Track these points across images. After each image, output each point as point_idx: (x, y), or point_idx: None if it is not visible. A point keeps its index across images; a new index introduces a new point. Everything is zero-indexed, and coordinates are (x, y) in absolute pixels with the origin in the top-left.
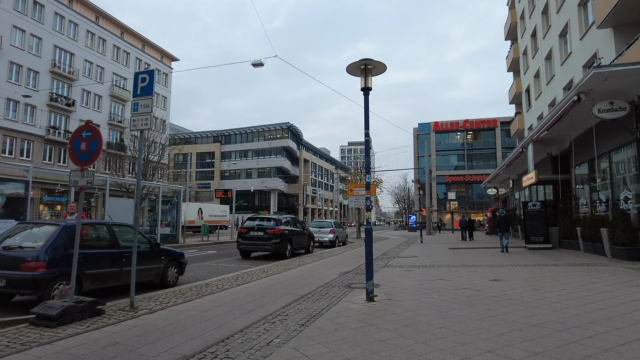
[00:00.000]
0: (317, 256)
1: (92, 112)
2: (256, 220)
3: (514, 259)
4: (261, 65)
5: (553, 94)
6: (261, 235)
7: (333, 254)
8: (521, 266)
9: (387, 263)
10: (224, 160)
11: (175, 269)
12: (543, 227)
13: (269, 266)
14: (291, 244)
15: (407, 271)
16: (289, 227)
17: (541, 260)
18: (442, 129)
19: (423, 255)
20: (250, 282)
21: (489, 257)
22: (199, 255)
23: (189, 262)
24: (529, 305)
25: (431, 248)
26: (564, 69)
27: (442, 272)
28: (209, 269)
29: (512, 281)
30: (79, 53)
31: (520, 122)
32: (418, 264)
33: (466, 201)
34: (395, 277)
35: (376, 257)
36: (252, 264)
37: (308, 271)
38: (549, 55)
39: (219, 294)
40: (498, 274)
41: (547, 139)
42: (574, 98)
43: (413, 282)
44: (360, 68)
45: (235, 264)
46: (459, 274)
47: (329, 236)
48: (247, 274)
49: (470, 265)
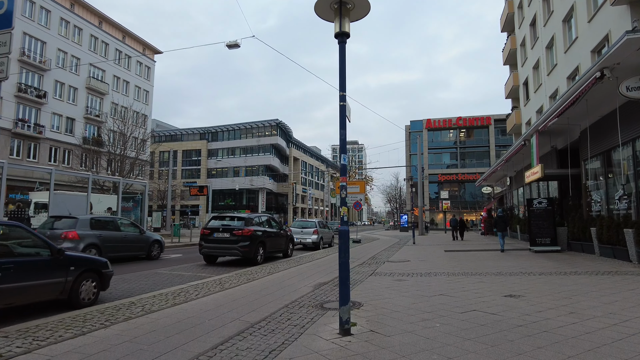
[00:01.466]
0: (295, 261)
1: (67, 104)
2: (222, 220)
3: (522, 264)
4: (237, 47)
5: (555, 84)
6: (227, 238)
7: (314, 258)
8: (535, 274)
9: (375, 270)
10: (211, 158)
11: (93, 283)
12: (550, 228)
13: (230, 275)
14: (264, 247)
15: (398, 281)
16: (261, 228)
17: (555, 267)
18: (434, 126)
19: (416, 259)
20: (193, 299)
21: (491, 262)
22: (159, 260)
23: (141, 269)
24: (576, 344)
25: (425, 250)
26: (568, 57)
27: (441, 282)
28: (158, 278)
29: (533, 298)
30: (52, 42)
31: (517, 117)
32: (411, 270)
33: (459, 200)
34: (383, 290)
35: (363, 262)
36: (214, 271)
37: (276, 282)
38: (551, 44)
39: (136, 320)
40: (511, 286)
41: (553, 130)
42: (596, 74)
43: (406, 299)
44: (334, 7)
45: (193, 271)
46: (463, 286)
47: (312, 237)
48: (196, 287)
49: (474, 274)
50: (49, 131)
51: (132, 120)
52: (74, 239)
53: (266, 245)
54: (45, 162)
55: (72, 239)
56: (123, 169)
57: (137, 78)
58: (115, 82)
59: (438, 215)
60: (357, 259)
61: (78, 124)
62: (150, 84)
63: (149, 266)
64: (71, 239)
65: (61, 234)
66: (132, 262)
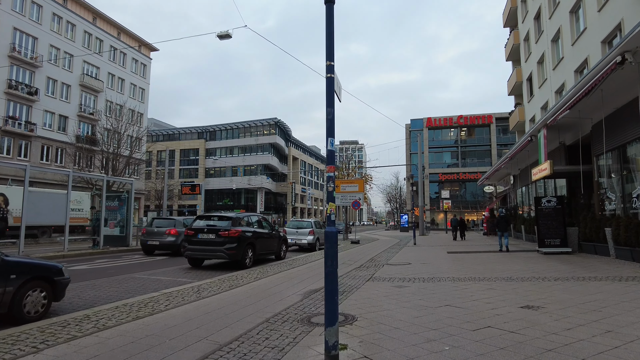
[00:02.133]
0: (288, 264)
1: (60, 102)
2: (207, 220)
3: (532, 267)
4: (228, 37)
5: (562, 78)
6: (212, 239)
7: (309, 260)
8: (549, 280)
9: (374, 274)
10: (209, 158)
11: (42, 293)
12: (560, 228)
13: (212, 281)
14: (253, 249)
15: (398, 288)
16: (251, 229)
17: (570, 271)
18: (435, 125)
19: (418, 261)
20: (161, 311)
21: (499, 266)
22: (142, 262)
23: (119, 273)
24: None
25: (426, 252)
26: (576, 49)
27: (447, 289)
28: (133, 284)
29: (556, 310)
30: (44, 38)
31: (520, 114)
32: (413, 275)
33: (459, 200)
34: (381, 299)
35: (360, 265)
36: (197, 276)
37: (262, 289)
38: (557, 37)
39: (80, 340)
40: (525, 294)
41: (563, 124)
42: (616, 59)
43: (407, 310)
44: None
45: (174, 276)
46: (471, 294)
47: (308, 238)
48: (169, 295)
49: (482, 279)
50: (41, 129)
51: (127, 118)
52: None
53: (256, 247)
54: (37, 161)
55: (174, 234)
56: (116, 168)
57: (133, 75)
58: (110, 80)
59: (439, 215)
60: (354, 261)
61: (72, 122)
62: (146, 82)
63: (126, 270)
64: (173, 234)
65: (165, 231)
66: (112, 262)
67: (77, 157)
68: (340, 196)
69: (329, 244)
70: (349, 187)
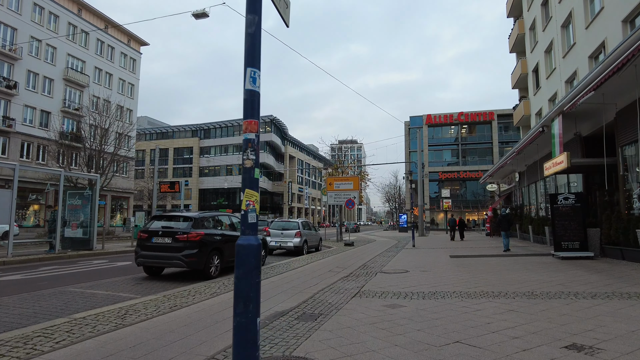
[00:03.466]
0: (263, 273)
1: (41, 96)
2: (165, 220)
3: (555, 277)
4: (205, 17)
5: (573, 66)
6: (168, 244)
7: (290, 267)
8: (586, 297)
9: (363, 287)
10: (203, 156)
11: None
12: (579, 229)
13: (156, 298)
14: (221, 255)
15: (391, 308)
16: (218, 231)
17: (606, 283)
18: (435, 122)
19: (417, 268)
20: (36, 355)
21: (514, 274)
22: (93, 270)
23: (49, 286)
24: None
25: (426, 256)
26: (591, 33)
27: (455, 312)
28: (52, 302)
29: (620, 356)
30: (24, 28)
31: (525, 107)
32: (410, 288)
33: (460, 199)
34: (366, 331)
35: (349, 273)
36: (145, 289)
37: (211, 312)
38: (567, 22)
39: None
40: (562, 320)
41: (580, 112)
42: None
43: (402, 355)
44: None
45: (117, 289)
46: (488, 320)
47: (294, 241)
48: (78, 323)
49: (497, 294)
50: (21, 125)
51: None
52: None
53: (224, 253)
54: (16, 158)
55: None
56: (99, 165)
57: (121, 70)
58: (97, 74)
59: (439, 215)
60: (343, 268)
61: (55, 118)
62: (136, 77)
63: (64, 281)
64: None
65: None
66: (61, 269)
67: (61, 155)
68: (333, 194)
69: (243, 270)
70: (343, 185)
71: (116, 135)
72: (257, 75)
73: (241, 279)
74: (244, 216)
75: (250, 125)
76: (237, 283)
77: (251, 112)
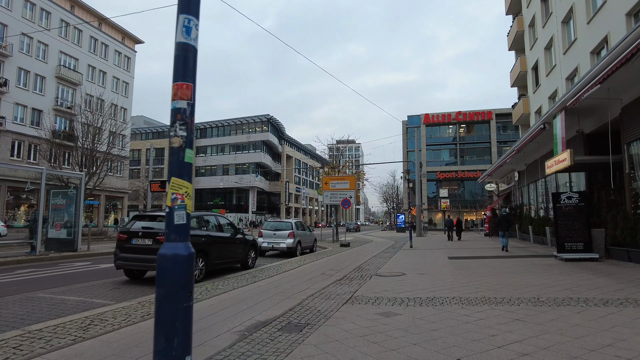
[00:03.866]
0: (251, 276)
1: (33, 94)
2: (146, 220)
3: (561, 281)
4: None
5: (574, 62)
6: (148, 246)
7: (281, 270)
8: (598, 304)
9: (356, 292)
10: (200, 156)
11: None
12: (583, 229)
13: (130, 305)
14: (206, 257)
15: (385, 317)
16: (202, 232)
17: (616, 288)
18: (433, 121)
19: (414, 270)
20: None
21: (516, 277)
22: (72, 273)
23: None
24: None
25: (424, 257)
26: (593, 28)
27: (455, 321)
28: (14, 311)
29: None
30: (14, 25)
31: (525, 105)
32: (407, 293)
33: (458, 199)
34: (356, 345)
35: (343, 276)
36: (122, 294)
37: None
38: (568, 17)
39: None
40: (575, 333)
41: (582, 108)
42: None
43: None
44: None
45: (91, 294)
46: (492, 332)
47: (287, 242)
48: (26, 338)
49: (500, 300)
50: (11, 123)
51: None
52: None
53: (209, 255)
54: (6, 157)
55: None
56: (92, 164)
57: (116, 68)
58: (90, 72)
59: (437, 215)
60: (337, 270)
61: (47, 116)
62: (131, 76)
63: (38, 285)
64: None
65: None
66: (39, 272)
67: (54, 154)
68: (329, 194)
69: (165, 290)
70: (339, 184)
71: (109, 134)
72: (194, 25)
73: (162, 302)
74: (169, 215)
75: (181, 90)
76: (158, 308)
77: (183, 72)
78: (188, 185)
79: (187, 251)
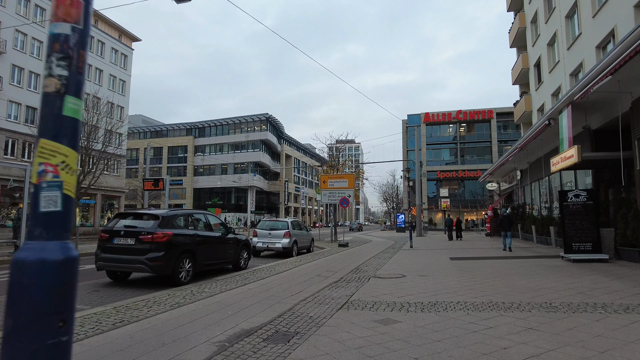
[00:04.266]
0: (242, 278)
1: (27, 92)
2: (129, 219)
3: (572, 284)
4: (187, 0)
5: (579, 58)
6: (131, 246)
7: (274, 271)
8: (617, 311)
9: (352, 295)
10: (198, 155)
11: None
12: (591, 229)
13: (95, 313)
14: (193, 258)
15: (383, 325)
16: (189, 231)
17: (633, 291)
18: (433, 120)
19: (415, 272)
20: None
21: (524, 280)
22: None
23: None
24: None
25: (425, 258)
26: (599, 21)
27: (461, 330)
28: None
29: None
30: (8, 21)
31: (527, 103)
32: (407, 297)
33: (459, 199)
34: (349, 356)
35: (340, 277)
36: (97, 299)
37: (161, 330)
38: (572, 12)
39: None
40: (599, 345)
41: (590, 103)
42: None
43: None
44: None
45: None
46: (504, 344)
47: (283, 242)
48: None
49: (509, 306)
50: (5, 121)
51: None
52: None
53: (197, 255)
54: (0, 155)
55: None
56: (86, 163)
57: (112, 66)
58: (86, 70)
59: (437, 215)
60: (333, 272)
61: None
62: (127, 74)
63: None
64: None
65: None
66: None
67: None
68: (327, 193)
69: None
70: (337, 183)
71: (105, 132)
72: None
73: (11, 337)
74: (34, 197)
75: (65, 7)
76: (4, 347)
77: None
78: (68, 151)
79: (64, 254)
